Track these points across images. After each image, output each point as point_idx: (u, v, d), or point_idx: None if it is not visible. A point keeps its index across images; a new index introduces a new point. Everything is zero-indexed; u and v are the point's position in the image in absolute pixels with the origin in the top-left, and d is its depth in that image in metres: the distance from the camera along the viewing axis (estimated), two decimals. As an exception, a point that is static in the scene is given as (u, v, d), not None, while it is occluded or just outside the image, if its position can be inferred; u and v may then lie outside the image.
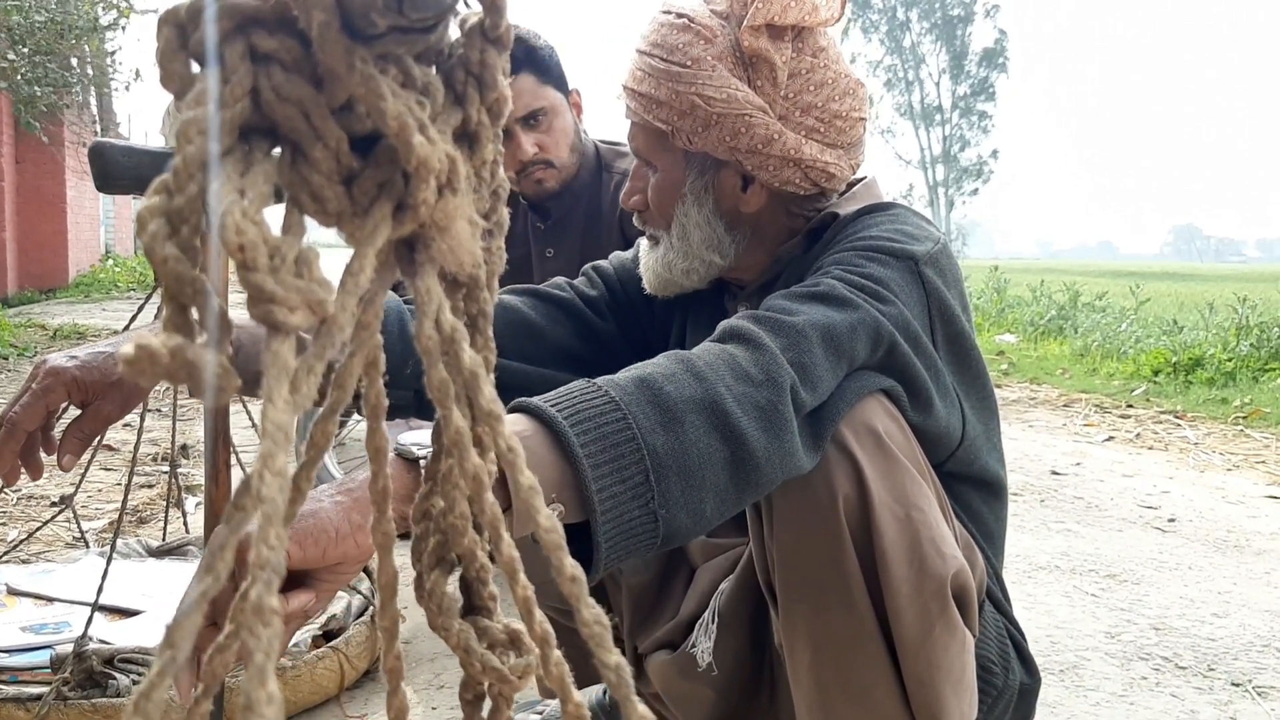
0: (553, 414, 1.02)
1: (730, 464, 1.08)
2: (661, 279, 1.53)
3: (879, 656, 1.23)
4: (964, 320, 1.40)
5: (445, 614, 0.45)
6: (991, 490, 1.51)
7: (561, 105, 2.45)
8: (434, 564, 0.46)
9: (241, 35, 0.40)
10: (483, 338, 0.46)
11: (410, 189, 0.40)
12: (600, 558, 1.03)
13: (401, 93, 0.40)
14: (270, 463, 0.34)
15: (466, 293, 0.46)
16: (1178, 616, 2.63)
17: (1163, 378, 7.08)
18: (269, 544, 0.32)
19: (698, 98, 1.39)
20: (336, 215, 0.41)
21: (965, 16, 56.67)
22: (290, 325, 0.37)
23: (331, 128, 0.40)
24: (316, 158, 0.40)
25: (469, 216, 0.44)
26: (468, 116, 0.44)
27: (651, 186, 1.50)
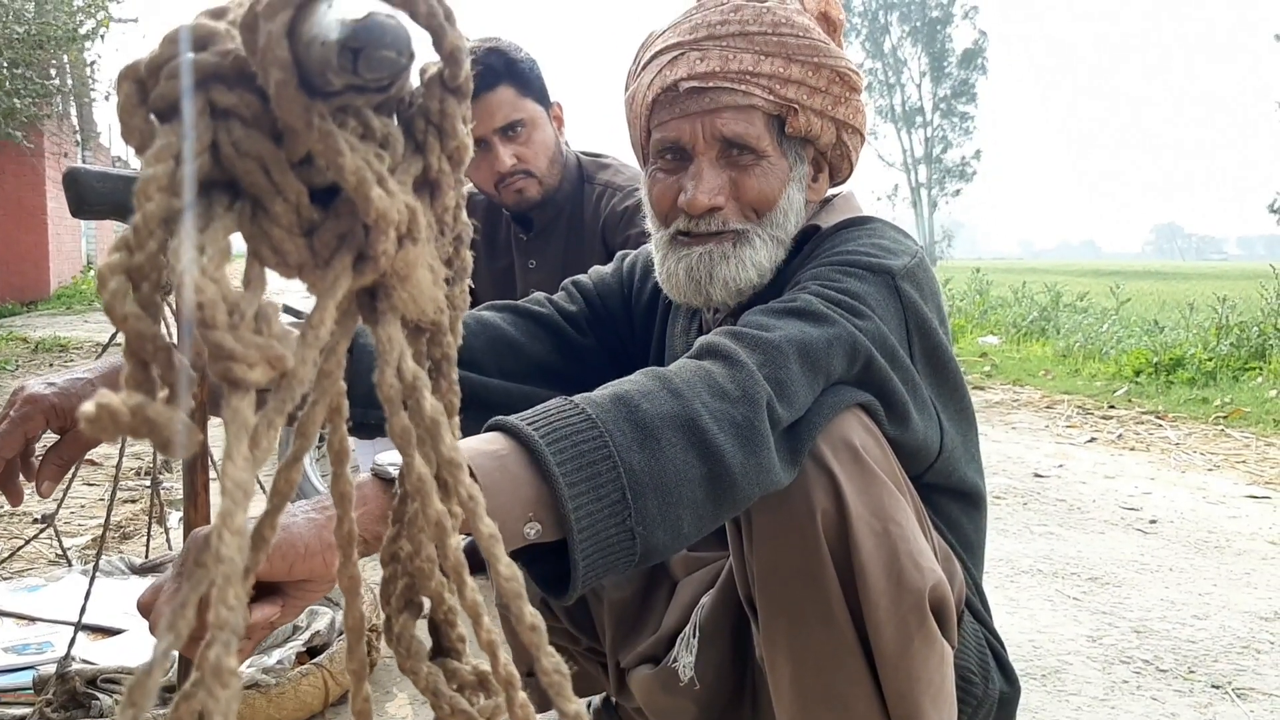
0: (529, 433, 1.03)
1: (707, 481, 1.08)
2: (744, 281, 1.43)
3: (859, 670, 1.23)
4: (941, 333, 1.41)
5: (414, 657, 0.45)
6: (970, 500, 1.52)
7: (541, 118, 2.45)
8: (402, 606, 0.47)
9: (201, 91, 0.41)
10: (447, 381, 0.47)
11: (370, 240, 0.41)
12: (578, 576, 1.03)
13: (360, 145, 0.41)
14: (229, 521, 0.35)
15: (430, 338, 0.46)
16: (1159, 619, 2.65)
17: (1144, 378, 7.12)
18: (227, 604, 0.33)
19: (848, 71, 1.42)
20: (298, 267, 0.42)
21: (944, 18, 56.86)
22: (249, 382, 0.37)
23: (291, 182, 0.41)
24: (277, 211, 0.41)
25: (430, 264, 0.44)
26: (428, 165, 0.45)
27: (755, 175, 1.42)
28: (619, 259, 1.75)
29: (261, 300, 0.38)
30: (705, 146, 1.42)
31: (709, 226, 1.43)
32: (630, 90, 1.49)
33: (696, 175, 1.42)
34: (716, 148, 1.42)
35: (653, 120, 1.46)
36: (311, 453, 3.39)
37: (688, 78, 1.40)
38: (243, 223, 0.41)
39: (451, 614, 0.46)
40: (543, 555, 1.08)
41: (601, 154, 2.68)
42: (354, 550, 0.46)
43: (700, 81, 1.39)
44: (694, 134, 1.41)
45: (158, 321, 0.39)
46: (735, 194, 1.43)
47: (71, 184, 1.19)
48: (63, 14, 12.72)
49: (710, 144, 1.42)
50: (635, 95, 1.47)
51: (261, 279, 0.41)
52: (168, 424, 0.37)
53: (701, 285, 1.44)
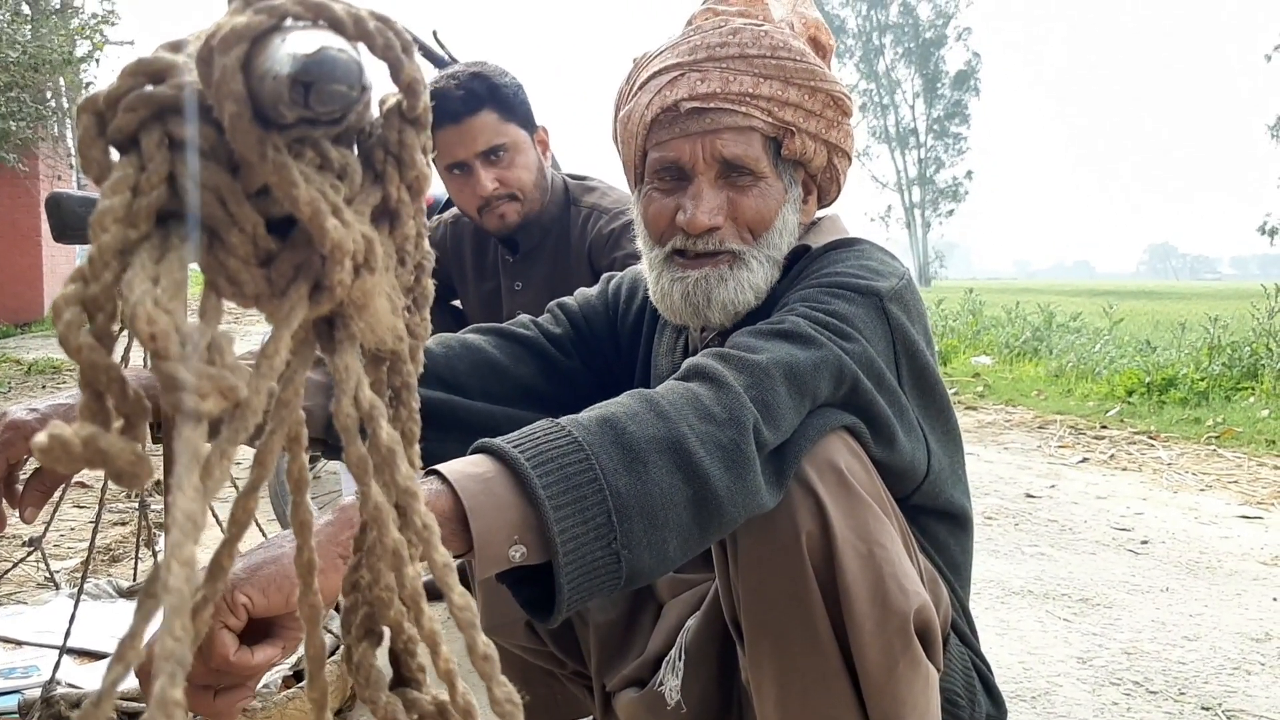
0: (515, 455, 1.03)
1: (693, 503, 1.08)
2: (741, 303, 1.44)
3: (844, 693, 1.23)
4: (928, 354, 1.41)
5: (372, 686, 0.45)
6: (957, 522, 1.52)
7: (524, 142, 2.46)
8: (362, 635, 0.47)
9: (158, 123, 0.41)
10: (406, 409, 0.47)
11: (326, 270, 0.41)
12: (563, 599, 1.03)
13: (316, 176, 0.41)
14: (178, 553, 0.35)
15: (389, 366, 0.47)
16: (1149, 640, 2.64)
17: (1136, 398, 7.13)
18: (174, 635, 0.33)
19: (842, 96, 1.43)
20: (254, 297, 0.42)
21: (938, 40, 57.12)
22: (201, 412, 0.37)
23: (247, 213, 0.41)
24: (233, 242, 0.41)
25: (388, 293, 0.44)
26: (387, 195, 0.45)
27: (754, 196, 1.43)
28: (604, 280, 1.75)
29: (215, 331, 0.39)
30: (705, 167, 1.42)
31: (706, 246, 1.44)
32: (625, 110, 1.49)
33: (696, 195, 1.42)
34: (716, 168, 1.43)
35: (650, 140, 1.46)
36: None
37: (689, 98, 1.40)
38: (199, 254, 0.41)
39: (411, 643, 0.46)
40: (528, 578, 1.08)
41: (587, 177, 2.69)
42: (313, 579, 0.46)
43: (701, 102, 1.40)
44: (694, 154, 1.42)
45: (111, 352, 0.39)
46: (733, 214, 1.44)
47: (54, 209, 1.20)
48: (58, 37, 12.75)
49: (710, 164, 1.42)
50: (631, 115, 1.47)
51: (217, 310, 0.41)
52: (120, 454, 0.37)
53: (699, 309, 1.45)
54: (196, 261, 0.41)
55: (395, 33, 0.42)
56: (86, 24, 13.65)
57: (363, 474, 0.43)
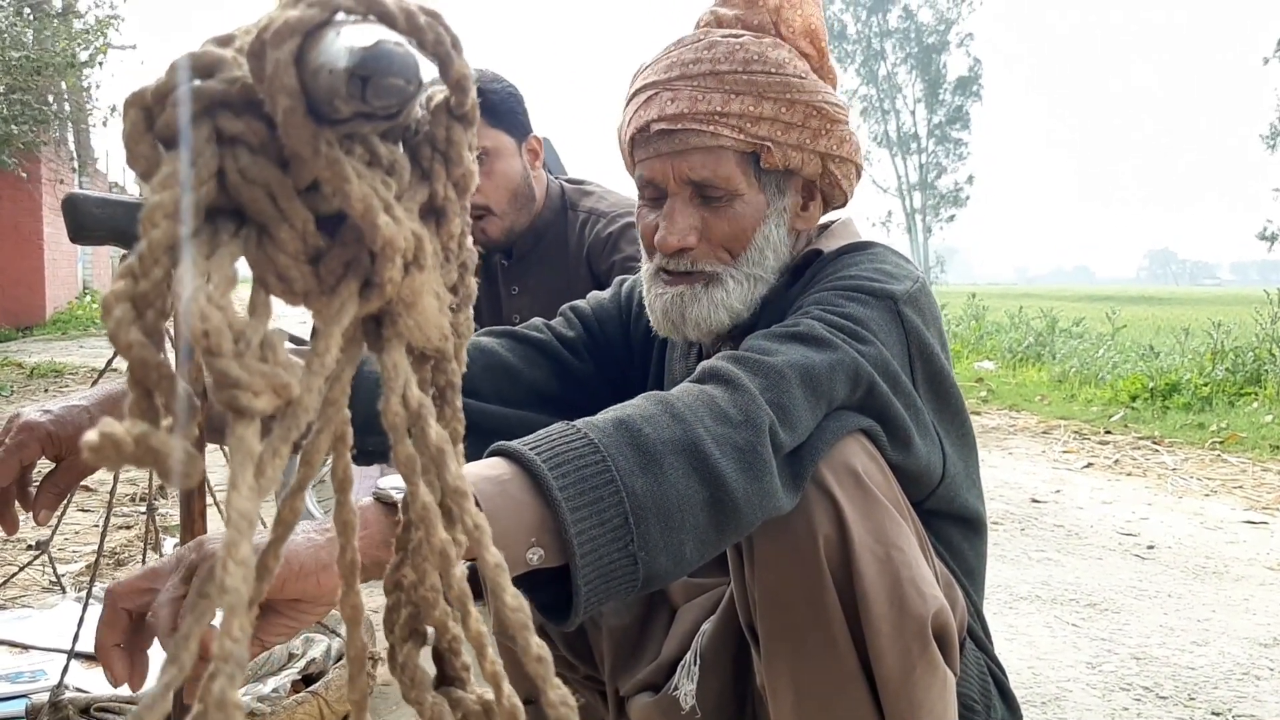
0: (531, 457, 1.03)
1: (710, 506, 1.08)
2: (715, 322, 1.44)
3: (861, 698, 1.23)
4: (943, 358, 1.41)
5: (418, 686, 0.45)
6: (972, 526, 1.52)
7: (507, 149, 2.44)
8: (406, 636, 0.46)
9: (208, 118, 0.41)
10: (451, 409, 0.46)
11: (376, 268, 0.41)
12: (580, 601, 1.03)
13: (367, 172, 0.41)
14: (234, 551, 0.34)
15: (435, 365, 0.46)
16: (1158, 645, 2.64)
17: (1140, 403, 7.12)
18: (232, 636, 0.32)
19: (825, 104, 1.41)
20: (303, 294, 0.41)
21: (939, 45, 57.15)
22: (255, 410, 0.37)
23: (298, 209, 0.41)
24: (282, 239, 0.40)
25: (435, 291, 0.44)
26: (434, 192, 0.44)
27: (727, 216, 1.42)
28: (617, 284, 1.74)
29: (267, 328, 0.38)
30: (677, 187, 1.43)
31: (680, 266, 1.45)
32: (618, 125, 1.51)
33: (668, 215, 1.43)
34: (689, 189, 1.43)
35: (634, 157, 1.47)
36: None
37: (658, 119, 1.41)
38: (248, 250, 0.41)
39: (455, 643, 0.45)
40: (544, 582, 1.08)
41: (585, 181, 2.68)
42: (356, 579, 0.46)
43: (669, 124, 1.40)
44: (665, 175, 1.43)
45: (162, 349, 0.39)
46: (706, 234, 1.43)
47: (71, 209, 1.19)
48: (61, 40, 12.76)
49: (681, 185, 1.42)
50: (620, 131, 1.49)
51: (267, 306, 0.41)
52: (171, 453, 0.37)
53: (677, 325, 1.46)
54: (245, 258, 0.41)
55: (445, 28, 0.42)
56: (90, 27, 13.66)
57: (411, 473, 0.42)
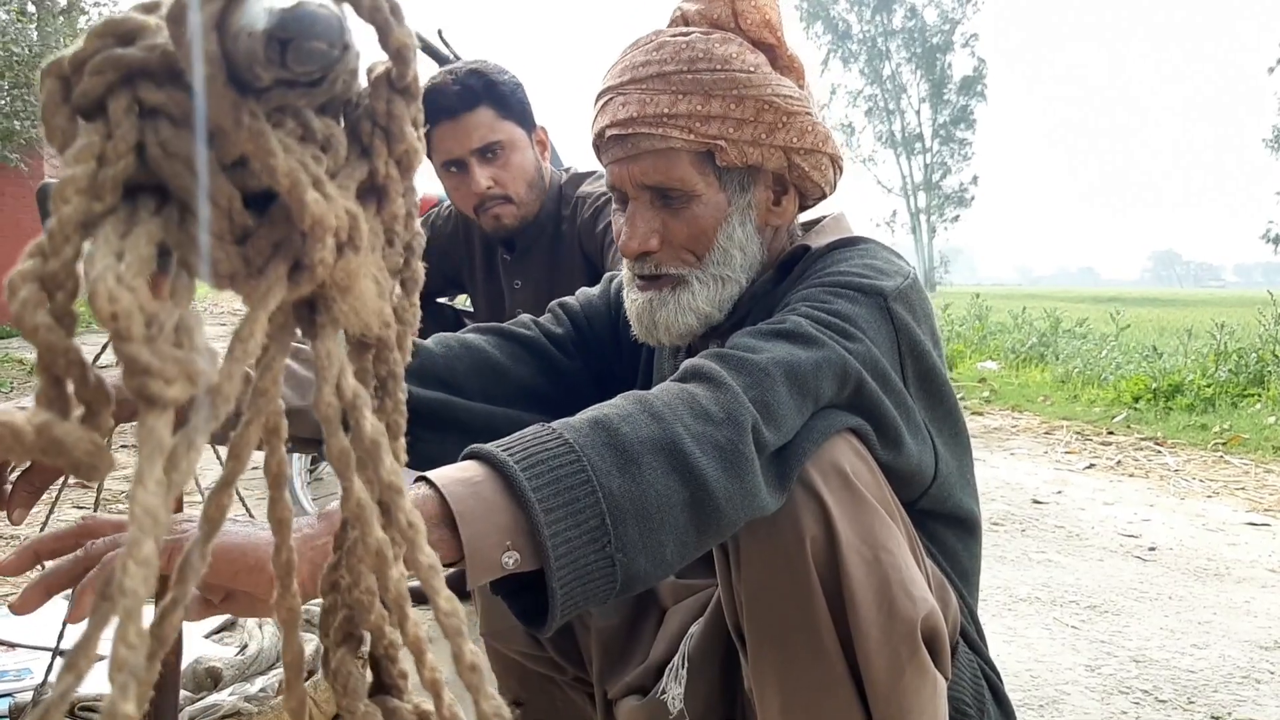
0: (504, 459, 1.00)
1: (690, 506, 1.05)
2: (684, 326, 1.42)
3: (849, 702, 1.20)
4: (935, 356, 1.38)
5: (350, 694, 0.42)
6: (965, 527, 1.49)
7: (520, 140, 2.43)
8: (341, 640, 0.44)
9: (127, 88, 0.38)
10: (393, 400, 0.44)
11: (306, 248, 0.38)
12: (555, 605, 1.00)
13: (297, 147, 0.38)
14: (136, 552, 0.32)
15: (375, 354, 0.44)
16: (1158, 648, 2.61)
17: (1143, 404, 7.09)
18: (128, 642, 0.30)
19: (775, 98, 1.37)
20: (229, 277, 0.39)
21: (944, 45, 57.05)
22: (166, 399, 0.34)
23: (222, 185, 0.38)
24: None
25: (374, 275, 0.41)
26: (374, 170, 0.42)
27: (685, 218, 1.40)
28: (606, 280, 1.72)
29: (184, 312, 0.36)
30: (635, 191, 1.41)
31: (645, 270, 1.43)
32: None
33: (630, 220, 1.42)
34: (647, 193, 1.41)
35: (602, 160, 1.46)
36: (303, 474, 3.36)
37: (611, 125, 1.39)
38: (169, 229, 0.38)
39: (393, 649, 0.43)
40: (524, 588, 1.05)
41: (592, 171, 2.66)
42: (292, 580, 0.43)
43: (621, 129, 1.38)
44: (623, 180, 1.41)
45: (72, 334, 0.37)
46: (668, 237, 1.41)
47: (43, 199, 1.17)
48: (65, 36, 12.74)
49: (639, 189, 1.41)
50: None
51: (188, 290, 0.38)
52: (77, 444, 0.34)
53: (649, 331, 1.44)
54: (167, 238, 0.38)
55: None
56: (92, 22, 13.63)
57: (345, 468, 0.40)
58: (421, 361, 1.50)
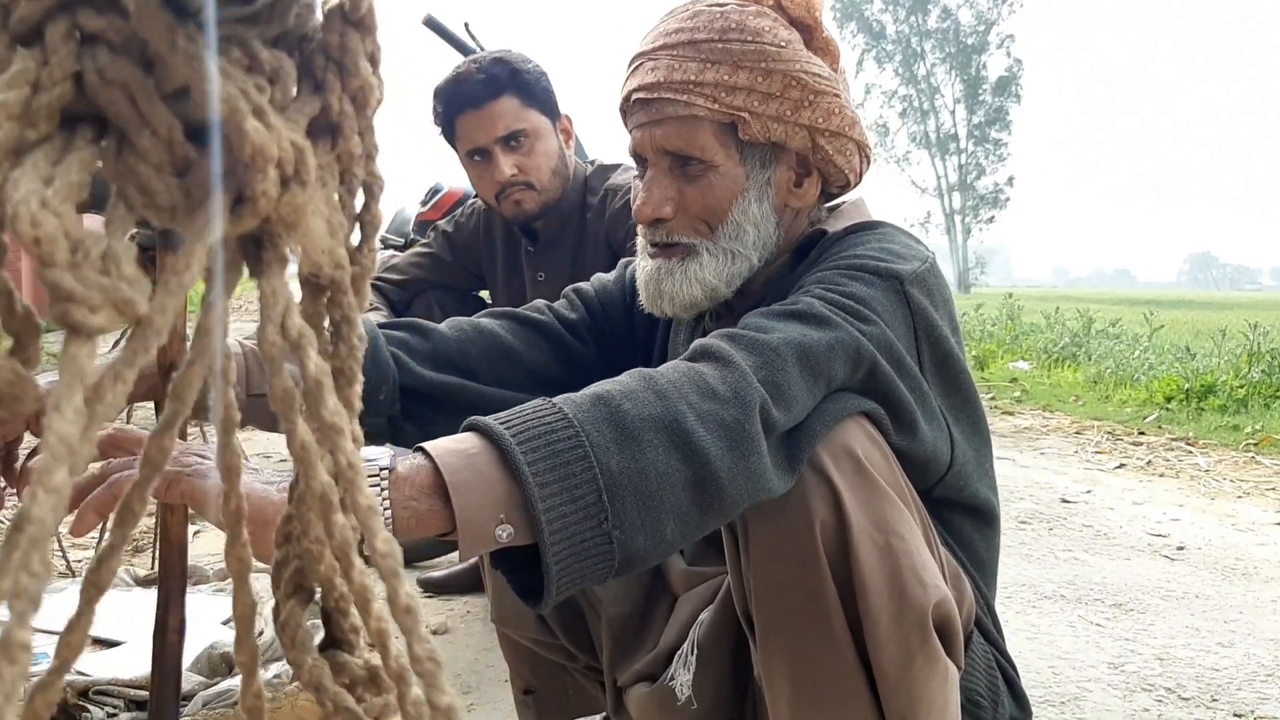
0: (500, 431, 0.99)
1: (692, 484, 1.03)
2: (689, 297, 1.40)
3: (859, 690, 1.18)
4: (953, 342, 1.36)
5: (298, 647, 0.41)
6: (982, 518, 1.46)
7: (545, 129, 2.43)
8: (290, 592, 0.42)
9: (66, 13, 0.37)
10: (347, 346, 0.42)
11: (247, 179, 0.37)
12: (551, 580, 0.99)
13: (240, 75, 0.37)
14: (46, 479, 0.30)
15: (330, 298, 0.42)
16: (1182, 646, 2.57)
17: (1175, 404, 7.00)
18: (30, 570, 0.29)
19: (804, 74, 1.35)
20: (169, 210, 0.38)
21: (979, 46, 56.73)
22: (90, 327, 0.33)
23: (161, 113, 0.37)
24: (144, 146, 0.37)
25: (324, 213, 0.40)
26: (328, 105, 0.41)
27: (701, 187, 1.39)
28: (621, 266, 1.71)
29: (115, 241, 0.34)
30: (655, 157, 1.40)
31: (658, 238, 1.42)
32: None
33: (647, 185, 1.41)
34: (666, 159, 1.40)
35: (627, 128, 1.45)
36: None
37: (639, 88, 1.38)
38: (107, 159, 0.37)
39: (343, 602, 0.42)
40: (523, 565, 1.04)
41: (619, 163, 2.65)
42: (242, 530, 0.42)
43: (647, 92, 1.37)
44: (644, 145, 1.40)
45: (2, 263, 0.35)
46: (682, 206, 1.40)
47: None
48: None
49: (659, 155, 1.40)
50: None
51: (125, 222, 0.37)
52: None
53: (654, 300, 1.43)
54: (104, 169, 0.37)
55: (332, -81, 0.38)
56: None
57: (288, 409, 0.38)
58: (434, 345, 1.50)
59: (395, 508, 0.96)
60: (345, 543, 0.38)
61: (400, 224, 3.86)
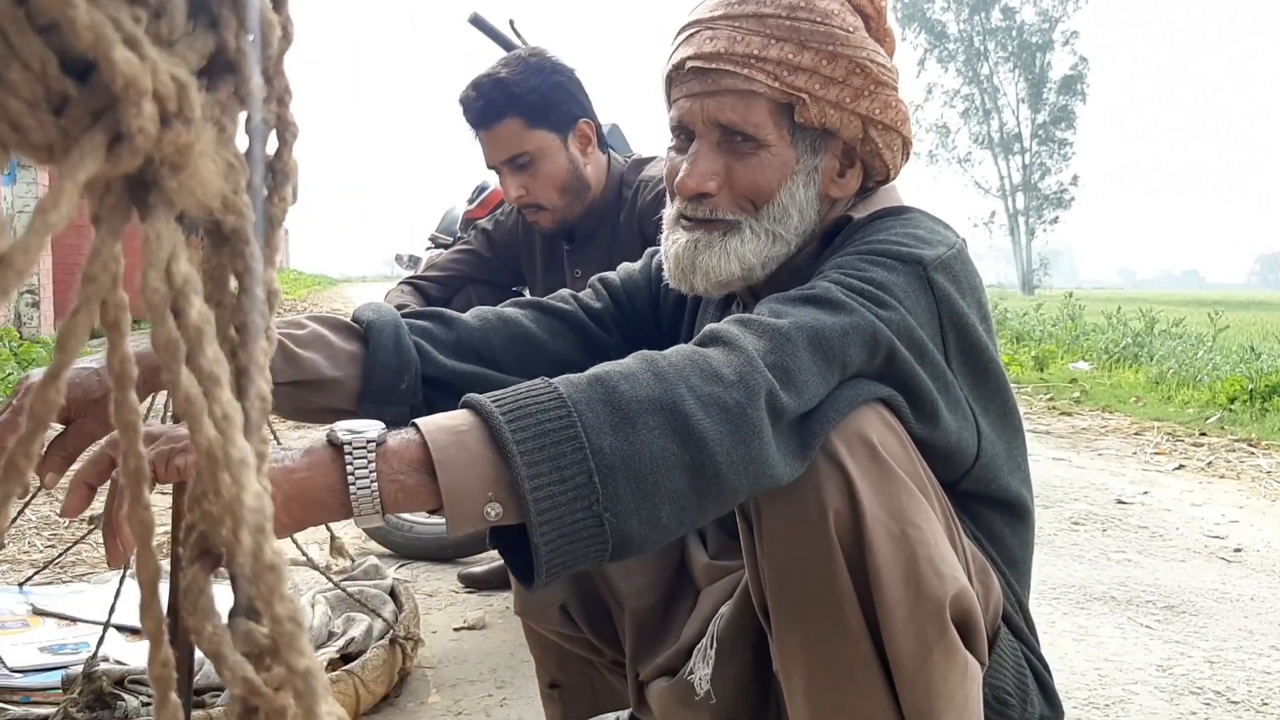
0: (491, 409, 0.98)
1: (689, 468, 1.01)
2: (725, 273, 1.36)
3: (876, 684, 1.15)
4: (981, 330, 1.32)
5: (199, 613, 0.39)
6: (1014, 512, 1.42)
7: (550, 147, 2.43)
8: (195, 556, 0.40)
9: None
10: (250, 298, 0.40)
11: (121, 115, 0.35)
12: (540, 561, 0.97)
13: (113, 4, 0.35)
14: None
15: (230, 249, 0.40)
16: (1234, 649, 2.50)
17: (1238, 405, 6.84)
18: None
19: (870, 63, 1.33)
20: (45, 148, 0.36)
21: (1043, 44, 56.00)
22: (-62, 265, 0.31)
23: (33, 45, 0.35)
24: (14, 80, 0.35)
25: (218, 156, 0.38)
26: (223, 42, 0.39)
27: (751, 165, 1.35)
28: (648, 255, 1.69)
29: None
30: (705, 129, 1.36)
31: (699, 212, 1.38)
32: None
33: (692, 158, 1.36)
34: (716, 132, 1.36)
35: (669, 97, 1.41)
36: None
37: (694, 56, 1.34)
38: None
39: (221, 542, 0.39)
40: (519, 545, 1.03)
41: (654, 156, 2.63)
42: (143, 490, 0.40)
43: (705, 62, 1.33)
44: (694, 116, 1.36)
45: None
46: (729, 181, 1.36)
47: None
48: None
49: (709, 127, 1.36)
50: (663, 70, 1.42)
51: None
52: None
53: (685, 274, 1.39)
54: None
55: None
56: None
57: (171, 360, 0.36)
58: (458, 334, 1.49)
59: (382, 480, 0.95)
60: (235, 501, 0.36)
61: (449, 223, 3.87)
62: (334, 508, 0.96)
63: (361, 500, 0.95)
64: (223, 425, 0.35)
